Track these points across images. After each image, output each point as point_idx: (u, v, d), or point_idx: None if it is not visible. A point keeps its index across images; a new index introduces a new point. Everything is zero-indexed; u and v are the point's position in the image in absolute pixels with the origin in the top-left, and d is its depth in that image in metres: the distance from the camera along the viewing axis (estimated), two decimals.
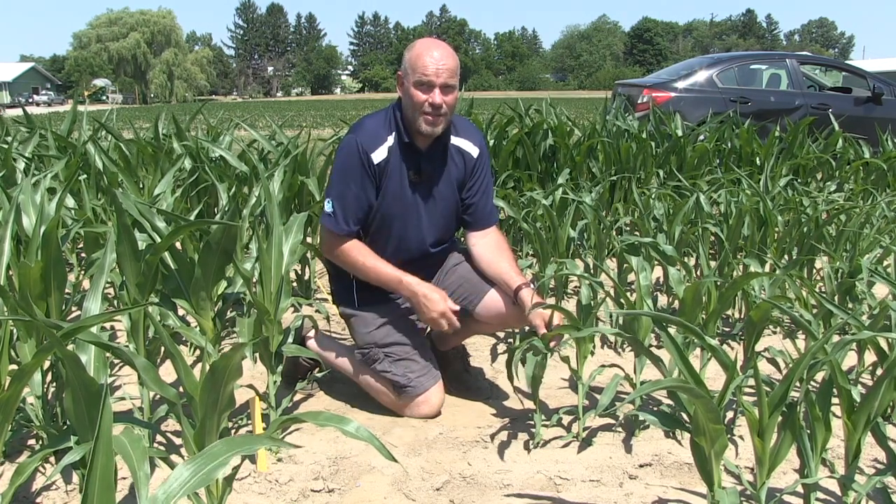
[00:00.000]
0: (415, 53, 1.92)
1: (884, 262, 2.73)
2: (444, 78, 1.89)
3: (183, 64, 66.59)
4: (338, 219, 1.97)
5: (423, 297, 1.94)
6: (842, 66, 8.88)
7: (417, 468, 1.78)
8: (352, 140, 1.98)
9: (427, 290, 1.95)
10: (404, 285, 1.96)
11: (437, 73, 1.88)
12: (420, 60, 1.90)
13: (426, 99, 1.90)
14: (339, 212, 1.97)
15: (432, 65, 1.88)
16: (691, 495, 1.66)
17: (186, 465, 0.95)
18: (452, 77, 1.92)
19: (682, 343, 1.84)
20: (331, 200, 1.98)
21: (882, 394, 1.39)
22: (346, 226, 1.97)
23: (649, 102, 6.16)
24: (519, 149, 4.44)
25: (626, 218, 3.48)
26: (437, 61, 1.89)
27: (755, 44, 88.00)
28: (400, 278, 1.97)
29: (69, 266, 3.23)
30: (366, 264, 1.98)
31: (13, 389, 1.35)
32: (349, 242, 2.00)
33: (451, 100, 1.93)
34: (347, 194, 1.97)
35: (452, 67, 1.91)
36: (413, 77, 1.91)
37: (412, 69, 1.91)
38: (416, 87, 1.90)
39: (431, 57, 1.89)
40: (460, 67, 2.00)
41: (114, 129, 4.32)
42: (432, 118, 1.92)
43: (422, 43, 1.96)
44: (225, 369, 1.29)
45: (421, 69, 1.89)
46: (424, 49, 1.92)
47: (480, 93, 43.70)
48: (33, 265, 1.79)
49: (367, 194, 1.97)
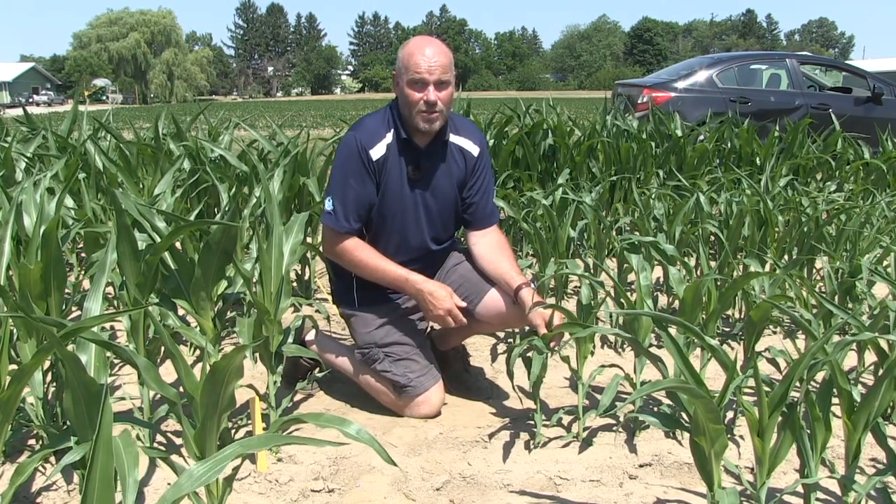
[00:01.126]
0: (407, 52, 1.93)
1: (884, 262, 2.73)
2: (437, 75, 1.89)
3: (183, 64, 66.59)
4: (339, 216, 1.97)
5: (429, 294, 1.94)
6: (842, 66, 8.88)
7: (417, 468, 1.78)
8: (351, 137, 1.98)
9: (433, 287, 1.96)
10: (410, 283, 1.96)
11: (430, 70, 1.88)
12: (412, 59, 1.90)
13: (421, 97, 1.90)
14: (340, 209, 1.97)
15: (425, 63, 1.88)
16: (691, 495, 1.66)
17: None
18: (446, 73, 1.91)
19: (682, 343, 1.84)
20: (331, 199, 1.98)
21: (882, 394, 1.39)
22: (346, 223, 1.97)
23: (649, 102, 6.16)
24: (519, 149, 4.44)
25: (626, 218, 3.48)
26: (429, 59, 1.89)
27: (755, 44, 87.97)
28: (406, 276, 1.97)
29: (69, 266, 3.23)
30: (369, 263, 1.98)
31: (13, 389, 1.35)
32: (351, 240, 1.99)
33: (445, 96, 1.93)
34: (348, 192, 1.96)
35: (445, 64, 1.91)
36: (407, 76, 1.91)
37: (405, 68, 1.92)
38: (410, 85, 1.91)
39: (423, 55, 1.89)
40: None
41: (114, 129, 4.32)
42: (428, 115, 1.92)
43: (414, 41, 1.96)
44: (226, 370, 1.29)
45: (414, 67, 1.89)
46: (416, 47, 1.92)
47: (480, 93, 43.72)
48: (33, 265, 1.79)
49: (367, 191, 1.97)
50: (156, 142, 4.16)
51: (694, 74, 6.83)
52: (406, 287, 1.98)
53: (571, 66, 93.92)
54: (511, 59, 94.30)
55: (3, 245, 2.06)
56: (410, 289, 1.97)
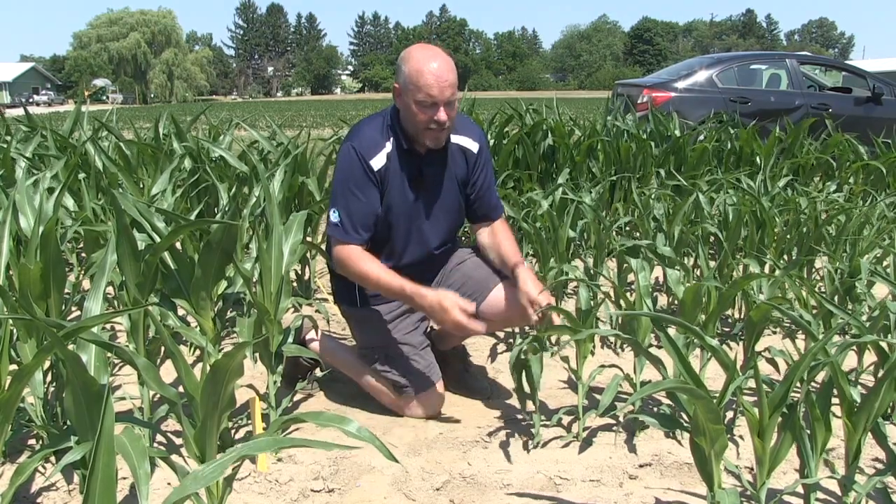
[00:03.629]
0: (414, 69, 1.83)
1: (884, 263, 2.73)
2: (447, 95, 1.84)
3: (183, 64, 66.57)
4: (346, 228, 1.93)
5: (429, 308, 1.87)
6: (842, 66, 8.87)
7: (417, 468, 1.78)
8: (349, 149, 1.94)
9: (435, 301, 1.85)
10: (416, 301, 1.89)
11: (441, 90, 1.82)
12: (422, 79, 1.81)
13: (431, 116, 1.85)
14: (347, 221, 1.93)
15: (436, 84, 1.81)
16: (691, 496, 1.66)
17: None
18: (454, 88, 1.86)
19: (682, 343, 1.85)
20: (337, 211, 1.94)
21: (882, 394, 1.39)
22: (355, 234, 1.93)
23: (649, 102, 6.16)
24: (519, 149, 4.44)
25: (626, 218, 3.48)
26: (439, 79, 1.81)
27: (755, 44, 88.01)
28: (410, 295, 1.88)
29: (69, 266, 3.23)
30: (371, 275, 1.92)
31: (13, 389, 1.35)
32: (356, 251, 1.94)
33: (453, 112, 1.90)
34: (352, 203, 1.93)
35: (454, 81, 1.85)
36: (416, 95, 1.83)
37: (414, 86, 1.83)
38: (420, 105, 1.84)
39: (433, 74, 1.81)
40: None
41: (115, 129, 4.32)
42: (437, 133, 1.89)
43: (418, 55, 1.85)
44: (226, 369, 1.29)
45: (426, 89, 1.81)
46: (423, 63, 1.82)
47: (480, 93, 43.66)
48: (32, 266, 1.79)
49: (371, 201, 1.94)
50: (156, 142, 4.16)
51: (694, 74, 6.82)
52: (411, 304, 1.93)
53: (571, 66, 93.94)
54: (511, 59, 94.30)
55: (2, 245, 2.06)
56: (416, 304, 1.91)
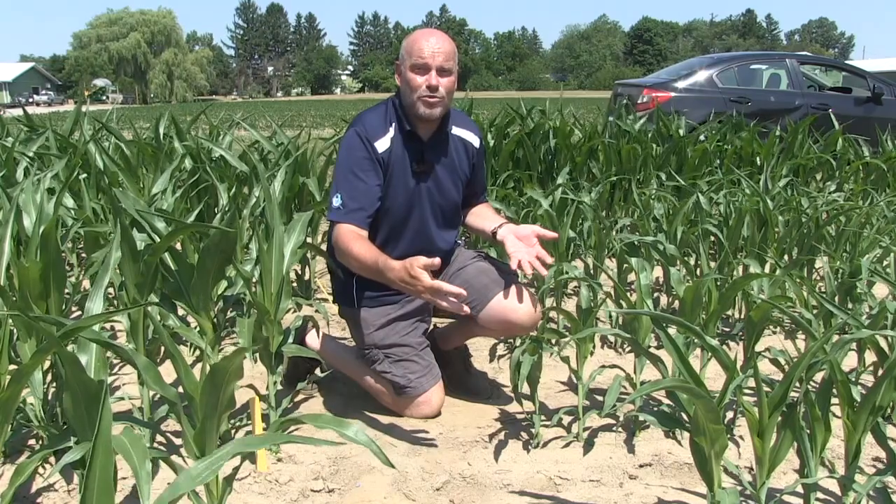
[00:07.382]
0: (411, 40, 1.96)
1: (884, 262, 2.73)
2: (440, 60, 1.91)
3: (183, 64, 66.59)
4: (346, 210, 1.92)
5: (400, 282, 1.75)
6: (842, 66, 8.87)
7: (417, 468, 1.78)
8: (354, 134, 1.97)
9: (402, 271, 1.73)
10: (386, 274, 1.78)
11: (433, 55, 1.91)
12: (416, 45, 1.93)
13: (423, 82, 1.91)
14: (348, 202, 1.92)
15: (428, 48, 1.91)
16: (691, 495, 1.66)
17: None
18: (448, 61, 1.93)
19: (682, 343, 1.84)
20: (339, 194, 1.93)
21: (882, 394, 1.39)
22: (354, 214, 1.92)
23: (649, 102, 6.16)
24: (519, 149, 4.44)
25: (626, 219, 3.48)
26: (433, 45, 1.92)
27: (755, 44, 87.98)
28: (381, 268, 1.78)
29: (69, 266, 3.23)
30: (353, 252, 1.84)
31: (13, 389, 1.35)
32: (353, 233, 1.89)
33: (447, 83, 1.94)
34: (356, 185, 1.93)
35: (449, 51, 1.93)
36: (409, 61, 1.93)
37: (408, 54, 1.94)
38: (413, 70, 1.93)
39: (427, 41, 1.92)
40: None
41: (115, 129, 4.32)
42: (429, 99, 1.92)
43: (419, 31, 1.99)
44: (226, 371, 1.29)
45: (417, 52, 1.92)
46: (421, 35, 1.96)
47: (480, 93, 43.70)
48: (33, 265, 1.79)
49: (374, 183, 1.94)
50: (156, 141, 4.16)
51: (694, 74, 6.83)
52: (382, 277, 1.81)
53: (571, 66, 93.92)
54: (511, 59, 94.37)
55: (2, 245, 2.06)
56: (385, 278, 1.80)
